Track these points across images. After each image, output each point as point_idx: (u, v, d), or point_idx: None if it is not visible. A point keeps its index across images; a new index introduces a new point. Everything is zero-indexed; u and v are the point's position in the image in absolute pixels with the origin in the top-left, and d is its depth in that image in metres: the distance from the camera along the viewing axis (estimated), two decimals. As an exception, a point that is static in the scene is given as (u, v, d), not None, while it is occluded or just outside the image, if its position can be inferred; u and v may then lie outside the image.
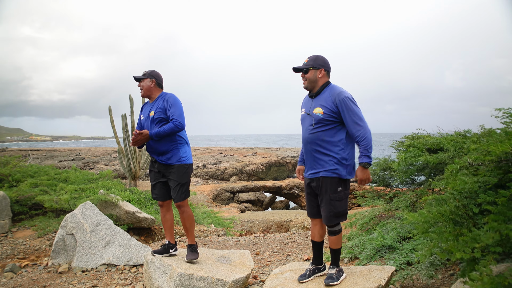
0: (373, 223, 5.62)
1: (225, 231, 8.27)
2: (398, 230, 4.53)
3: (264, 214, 11.89)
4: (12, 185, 7.44)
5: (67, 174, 8.24)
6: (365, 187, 2.99)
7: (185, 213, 3.67)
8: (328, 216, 3.06)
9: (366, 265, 4.21)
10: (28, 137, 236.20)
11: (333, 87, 3.13)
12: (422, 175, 5.80)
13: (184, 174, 3.65)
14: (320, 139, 3.08)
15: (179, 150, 3.66)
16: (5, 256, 5.15)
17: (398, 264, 3.79)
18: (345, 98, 3.00)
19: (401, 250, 4.11)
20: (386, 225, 4.97)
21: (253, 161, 29.84)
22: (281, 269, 3.54)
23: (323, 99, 3.09)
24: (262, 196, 22.03)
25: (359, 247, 4.71)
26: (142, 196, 8.19)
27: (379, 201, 6.05)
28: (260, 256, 5.23)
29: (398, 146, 6.60)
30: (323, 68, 3.14)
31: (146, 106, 3.86)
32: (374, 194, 6.44)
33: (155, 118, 3.64)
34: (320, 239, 3.35)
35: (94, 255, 4.76)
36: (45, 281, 4.32)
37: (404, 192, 5.79)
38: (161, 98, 3.72)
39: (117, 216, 6.26)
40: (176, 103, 3.65)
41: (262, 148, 45.46)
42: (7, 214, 6.06)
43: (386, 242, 4.34)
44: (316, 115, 3.07)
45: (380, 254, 4.35)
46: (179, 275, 3.16)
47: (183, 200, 3.63)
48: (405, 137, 6.48)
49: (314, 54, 3.22)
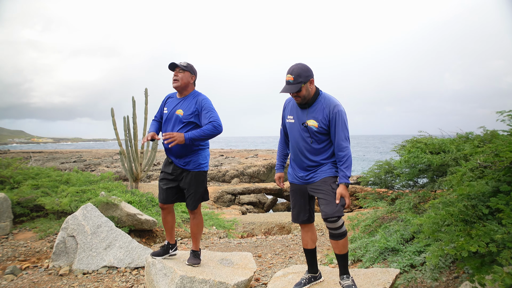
0: (376, 225, 5.58)
1: (227, 233, 8.24)
2: (401, 232, 4.49)
3: (266, 216, 11.84)
4: (13, 187, 7.42)
5: (69, 176, 8.22)
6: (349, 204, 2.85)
7: (197, 219, 3.52)
8: (335, 206, 2.85)
9: (369, 267, 4.17)
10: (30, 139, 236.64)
11: (326, 97, 2.98)
12: (425, 177, 5.76)
13: (202, 182, 3.43)
14: (315, 150, 2.98)
15: (199, 156, 3.40)
16: (6, 258, 5.12)
17: (402, 267, 3.76)
18: (340, 112, 2.89)
19: (405, 252, 4.07)
20: (389, 227, 4.93)
21: (254, 163, 29.79)
22: (284, 272, 3.50)
23: (317, 111, 2.95)
24: (263, 198, 21.97)
25: (361, 249, 4.67)
26: (143, 198, 8.16)
27: (381, 203, 6.01)
28: (262, 259, 5.20)
29: (400, 150, 6.56)
30: (311, 78, 2.92)
31: (172, 100, 3.50)
32: (376, 195, 6.40)
33: (183, 120, 3.33)
34: (313, 246, 3.22)
35: (95, 257, 4.73)
36: (45, 284, 4.30)
37: (407, 194, 5.76)
38: (193, 97, 3.39)
39: (119, 218, 6.24)
40: (212, 106, 3.35)
41: (263, 150, 45.43)
42: (8, 216, 6.04)
43: (389, 244, 4.30)
44: (311, 127, 2.95)
45: (383, 256, 4.31)
46: (181, 278, 3.13)
47: (196, 208, 3.46)
48: (406, 141, 6.45)
49: (293, 65, 2.92)
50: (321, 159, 2.99)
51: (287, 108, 3.18)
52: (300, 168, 3.09)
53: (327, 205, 2.89)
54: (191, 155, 3.37)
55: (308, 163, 3.02)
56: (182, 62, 3.39)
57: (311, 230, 3.22)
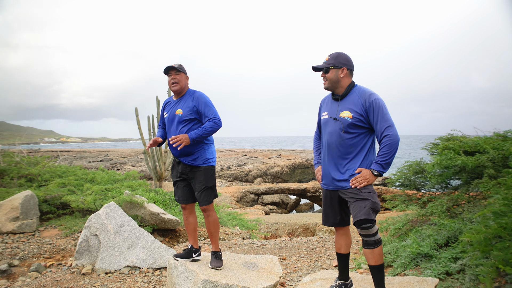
0: (406, 228, 5.34)
1: (250, 234, 8.12)
2: (435, 237, 4.25)
3: (289, 217, 11.66)
4: (41, 184, 7.55)
5: (94, 174, 8.30)
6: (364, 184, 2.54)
7: (211, 217, 3.46)
8: (365, 209, 2.66)
9: (401, 274, 3.96)
10: (59, 139, 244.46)
11: (361, 88, 2.85)
12: (458, 179, 5.45)
13: (211, 177, 3.45)
14: (348, 145, 2.81)
15: (205, 151, 3.45)
16: (31, 255, 5.17)
17: (437, 274, 3.54)
18: (377, 100, 2.73)
19: (439, 258, 3.84)
20: (421, 231, 4.68)
21: (277, 163, 29.60)
22: (312, 278, 3.32)
23: (351, 102, 2.81)
24: (286, 198, 21.78)
25: (392, 254, 4.46)
26: (167, 197, 8.15)
27: (411, 206, 5.75)
28: (287, 261, 5.04)
29: (431, 149, 6.26)
30: (345, 67, 2.84)
31: (170, 103, 3.60)
32: (405, 197, 6.13)
33: (184, 119, 3.41)
34: (346, 251, 3.04)
35: (117, 257, 4.69)
36: (68, 283, 4.28)
37: (439, 197, 5.48)
38: (189, 95, 3.48)
39: (142, 217, 6.21)
40: (209, 101, 3.45)
41: (286, 150, 45.18)
42: (35, 213, 6.12)
43: (422, 250, 4.07)
44: (344, 119, 2.79)
45: (415, 262, 4.08)
46: (204, 282, 3.01)
47: (208, 204, 3.42)
48: (439, 139, 6.15)
49: (335, 51, 2.91)
50: (353, 155, 2.81)
51: (322, 106, 3.09)
52: (329, 166, 2.92)
53: (360, 211, 2.70)
54: (198, 151, 3.43)
55: (340, 161, 2.85)
56: (175, 64, 3.46)
57: (346, 234, 3.04)
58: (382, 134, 2.68)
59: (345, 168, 2.83)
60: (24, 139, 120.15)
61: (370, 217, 2.67)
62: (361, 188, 2.73)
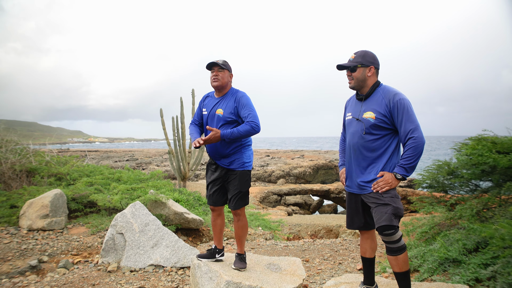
0: (433, 232, 5.18)
1: (273, 235, 8.09)
2: (464, 241, 4.10)
3: (312, 218, 11.55)
4: (69, 183, 7.76)
5: (120, 174, 8.47)
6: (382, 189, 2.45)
7: (241, 221, 3.40)
8: (387, 214, 2.59)
9: (428, 279, 3.84)
10: (87, 139, 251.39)
11: (386, 88, 2.75)
12: (489, 180, 5.24)
13: (246, 182, 3.34)
14: (371, 147, 2.73)
15: (243, 154, 3.31)
16: (60, 252, 5.31)
17: (466, 281, 3.42)
18: (402, 100, 2.62)
19: (468, 264, 3.70)
20: (449, 235, 4.53)
21: (300, 163, 29.43)
22: (336, 281, 3.27)
23: (375, 102, 2.72)
24: (309, 199, 21.63)
25: (418, 258, 4.33)
26: (190, 197, 8.23)
27: (439, 208, 5.57)
28: (310, 263, 4.99)
29: (461, 148, 6.06)
30: (373, 66, 2.75)
31: (210, 99, 3.45)
32: (433, 199, 5.95)
33: (225, 120, 3.25)
34: (372, 255, 2.96)
35: (142, 256, 4.76)
36: (94, 279, 4.38)
37: (468, 199, 5.29)
38: (231, 95, 3.33)
39: (166, 216, 6.30)
40: (250, 103, 3.26)
41: (309, 151, 44.86)
42: (64, 211, 6.29)
43: (450, 255, 3.94)
44: (367, 120, 2.71)
45: (443, 267, 3.95)
46: (227, 283, 3.01)
47: (241, 208, 3.36)
48: (469, 139, 5.94)
49: (361, 49, 2.82)
50: (376, 157, 2.73)
51: (347, 107, 3.03)
52: (354, 169, 2.86)
53: (382, 216, 2.62)
54: (235, 154, 3.29)
55: (362, 163, 2.78)
56: (219, 60, 3.33)
57: (371, 238, 2.97)
58: (406, 136, 2.59)
59: (367, 171, 2.76)
60: (54, 139, 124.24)
61: (392, 223, 2.58)
62: (382, 192, 2.66)
